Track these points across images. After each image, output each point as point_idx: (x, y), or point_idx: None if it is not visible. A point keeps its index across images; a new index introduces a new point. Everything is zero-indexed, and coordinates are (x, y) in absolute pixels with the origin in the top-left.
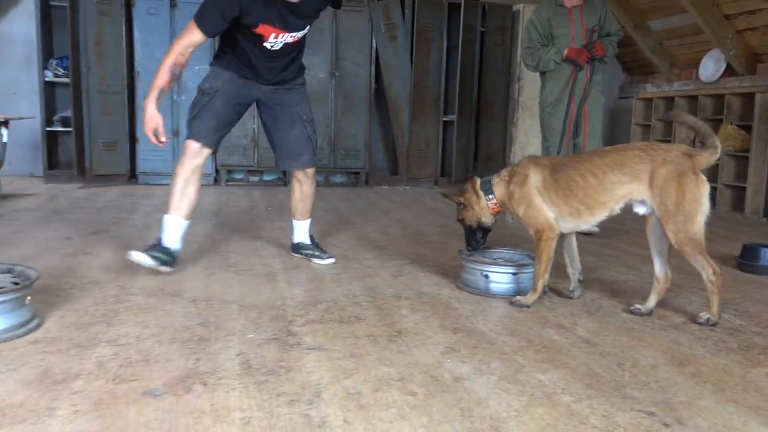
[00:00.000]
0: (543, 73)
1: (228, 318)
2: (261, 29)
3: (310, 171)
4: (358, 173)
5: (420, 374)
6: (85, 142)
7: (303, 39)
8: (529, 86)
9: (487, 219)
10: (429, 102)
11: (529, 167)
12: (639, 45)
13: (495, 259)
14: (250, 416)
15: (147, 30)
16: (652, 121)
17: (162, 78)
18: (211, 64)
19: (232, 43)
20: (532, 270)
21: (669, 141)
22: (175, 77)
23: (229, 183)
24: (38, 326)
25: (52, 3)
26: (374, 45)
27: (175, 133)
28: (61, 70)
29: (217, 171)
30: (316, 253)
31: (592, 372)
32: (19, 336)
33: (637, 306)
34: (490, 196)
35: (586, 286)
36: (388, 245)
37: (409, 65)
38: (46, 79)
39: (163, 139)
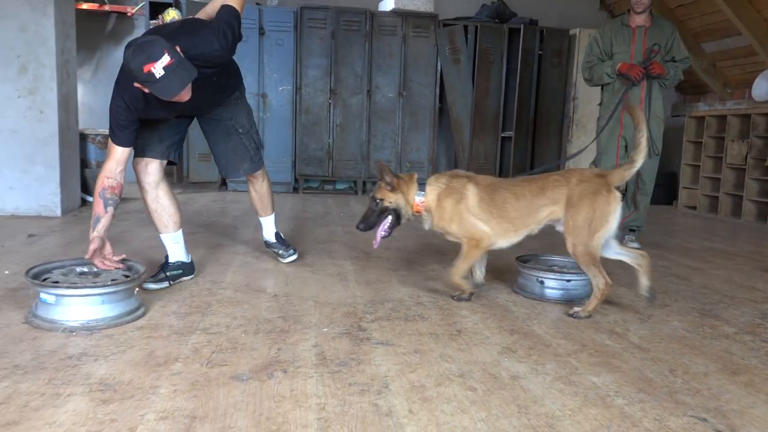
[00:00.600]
0: (602, 89)
1: (305, 313)
2: (171, 113)
3: (258, 173)
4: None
5: (479, 371)
6: (184, 153)
7: (223, 71)
8: (583, 105)
9: (404, 212)
10: (489, 120)
11: (468, 187)
12: (692, 66)
13: (549, 266)
14: (325, 402)
15: (238, 56)
16: (704, 138)
17: (96, 206)
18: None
19: None
20: (585, 277)
21: (720, 157)
22: (115, 201)
23: (305, 191)
24: (144, 314)
25: None
26: (439, 67)
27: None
28: None
29: (296, 180)
30: (280, 252)
31: (644, 377)
32: (128, 322)
33: (647, 289)
34: (420, 195)
35: (638, 293)
36: (449, 251)
37: (471, 86)
38: None
39: (107, 262)
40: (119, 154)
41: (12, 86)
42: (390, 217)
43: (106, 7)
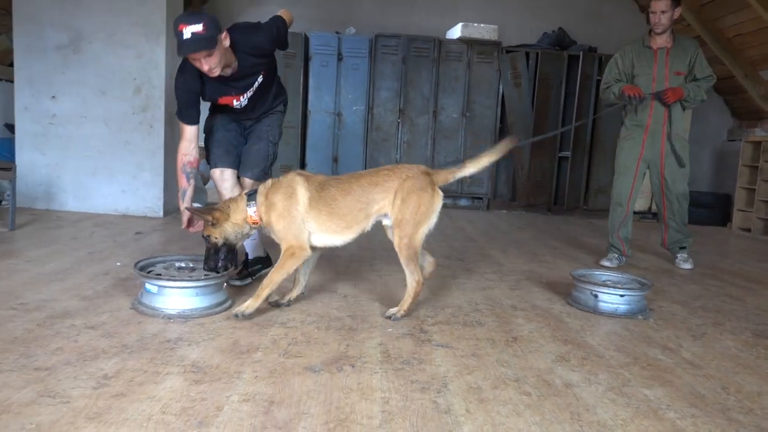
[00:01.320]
0: (624, 112)
1: (372, 313)
2: (223, 101)
3: (253, 183)
4: (481, 198)
5: (534, 377)
6: None
7: (268, 78)
8: None
9: (234, 237)
10: (547, 141)
11: (297, 181)
12: (749, 92)
13: (603, 280)
14: (389, 397)
15: (319, 78)
16: (760, 162)
17: (180, 181)
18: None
19: (214, 113)
20: (638, 293)
21: None
22: (194, 173)
23: None
24: (230, 307)
25: None
26: (500, 90)
27: (335, 159)
28: None
29: None
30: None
31: (696, 392)
32: (217, 313)
33: (391, 310)
34: (252, 206)
35: (692, 311)
36: (505, 262)
37: (531, 108)
38: None
39: (192, 229)
40: (189, 132)
41: (128, 104)
42: (224, 249)
43: None
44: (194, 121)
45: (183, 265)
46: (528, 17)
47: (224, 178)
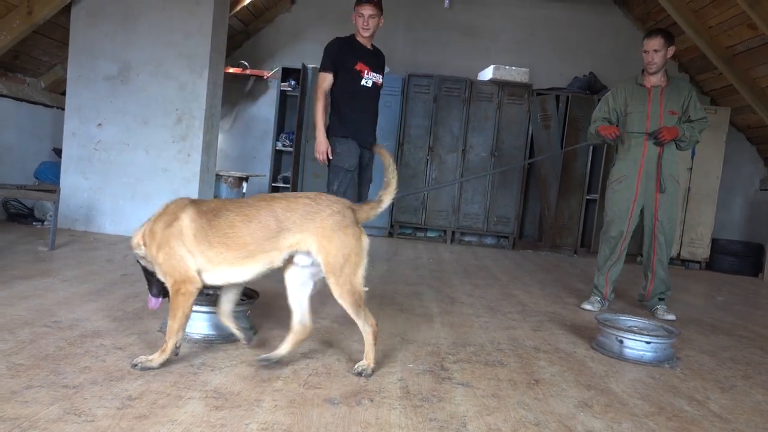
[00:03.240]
0: (616, 152)
1: (392, 348)
2: (359, 66)
3: None
4: (506, 237)
5: (555, 422)
6: (299, 171)
7: (379, 95)
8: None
9: (143, 260)
10: (575, 182)
11: (185, 209)
12: None
13: (629, 326)
14: None
15: None
16: None
17: (321, 118)
18: (334, 137)
19: (338, 103)
20: (665, 340)
21: None
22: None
23: (399, 236)
24: (254, 334)
25: (287, 92)
26: (530, 131)
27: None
28: (288, 141)
29: (392, 225)
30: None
31: None
32: (238, 340)
33: (266, 356)
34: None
35: (720, 362)
36: (529, 302)
37: (560, 150)
38: (276, 148)
39: (329, 158)
40: (326, 81)
41: (169, 133)
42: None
43: (248, 71)
44: (332, 70)
45: (210, 292)
46: (558, 61)
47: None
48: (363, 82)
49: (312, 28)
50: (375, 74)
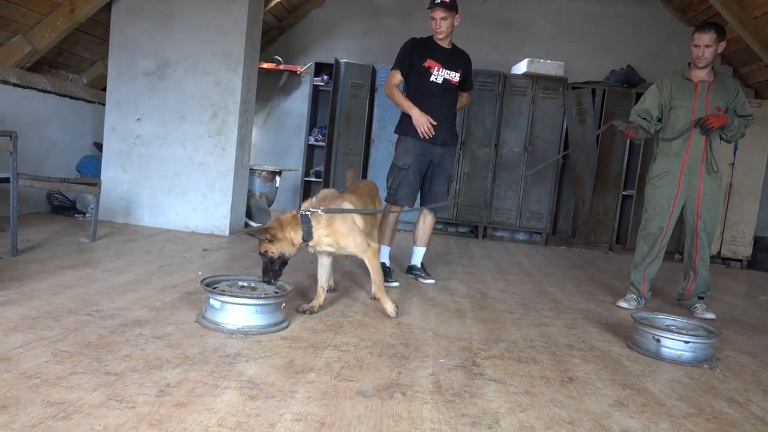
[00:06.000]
0: (657, 146)
1: (424, 342)
2: (428, 63)
3: (433, 216)
4: (539, 233)
5: (589, 421)
6: (332, 167)
7: (455, 91)
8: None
9: (288, 254)
10: (610, 178)
11: (344, 201)
12: None
13: (666, 325)
14: (439, 429)
15: (383, 108)
16: None
17: (403, 97)
18: (398, 133)
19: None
20: (704, 340)
21: None
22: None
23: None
24: (287, 327)
25: (320, 87)
26: (564, 126)
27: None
28: (320, 136)
29: None
30: (422, 275)
31: None
32: (274, 332)
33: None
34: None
35: (762, 364)
36: (563, 299)
37: (595, 145)
38: (309, 143)
39: (433, 123)
40: (395, 78)
41: (205, 128)
42: (278, 262)
43: (281, 67)
44: (402, 67)
45: (245, 284)
46: (594, 54)
47: (394, 210)
48: (432, 78)
49: (344, 23)
50: (448, 71)
